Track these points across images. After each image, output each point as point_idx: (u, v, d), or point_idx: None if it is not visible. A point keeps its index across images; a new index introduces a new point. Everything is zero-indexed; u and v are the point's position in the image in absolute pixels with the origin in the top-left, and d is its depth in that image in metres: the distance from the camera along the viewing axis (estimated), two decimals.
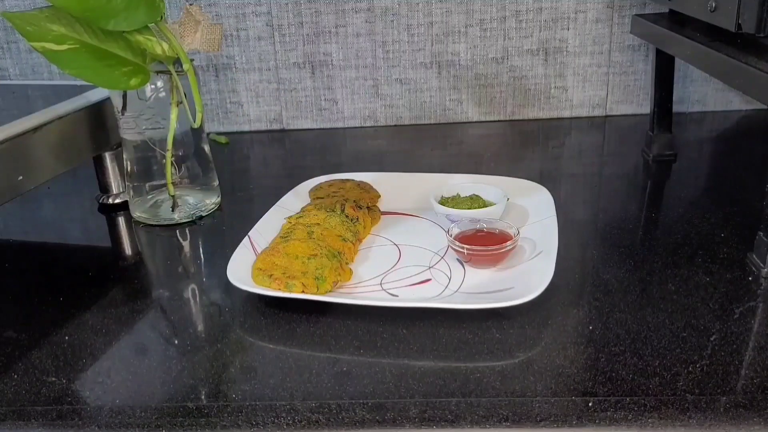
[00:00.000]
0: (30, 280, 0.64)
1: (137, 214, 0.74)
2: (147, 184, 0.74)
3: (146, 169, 0.73)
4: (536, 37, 0.98)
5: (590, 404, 0.43)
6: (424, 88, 1.01)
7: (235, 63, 1.01)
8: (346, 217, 0.65)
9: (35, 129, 0.65)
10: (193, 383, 0.48)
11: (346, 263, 0.60)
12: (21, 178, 0.64)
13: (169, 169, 0.71)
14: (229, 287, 0.57)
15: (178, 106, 0.69)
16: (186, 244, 0.70)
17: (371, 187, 0.74)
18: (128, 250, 0.71)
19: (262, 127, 1.05)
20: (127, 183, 0.74)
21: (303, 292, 0.55)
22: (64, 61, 0.62)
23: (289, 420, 0.44)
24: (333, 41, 0.99)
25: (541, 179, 0.73)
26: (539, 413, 0.43)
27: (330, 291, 0.56)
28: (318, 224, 0.63)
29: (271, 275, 0.56)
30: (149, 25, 0.65)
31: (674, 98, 0.84)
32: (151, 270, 0.66)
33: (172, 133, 0.69)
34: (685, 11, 0.71)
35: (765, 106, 0.91)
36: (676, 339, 0.49)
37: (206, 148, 0.75)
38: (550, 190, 0.70)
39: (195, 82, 0.68)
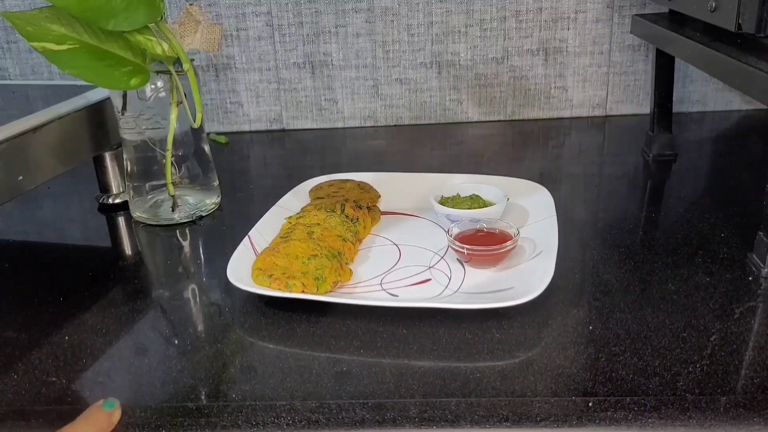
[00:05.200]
0: (30, 280, 0.64)
1: (137, 214, 0.74)
2: (147, 184, 0.74)
3: (146, 169, 0.73)
4: (536, 37, 0.98)
5: (590, 404, 0.43)
6: (424, 88, 1.01)
7: (235, 63, 1.01)
8: (346, 217, 0.65)
9: (35, 129, 0.65)
10: (193, 383, 0.48)
11: (346, 263, 0.60)
12: (21, 178, 0.64)
13: (169, 169, 0.71)
14: (229, 287, 0.57)
15: (178, 106, 0.69)
16: (186, 244, 0.70)
17: (371, 187, 0.74)
18: (128, 250, 0.71)
19: (262, 127, 1.05)
20: (127, 183, 0.74)
21: (303, 292, 0.55)
22: (64, 61, 0.62)
23: (289, 420, 0.44)
24: (333, 41, 0.99)
25: (541, 179, 0.73)
26: (539, 413, 0.43)
27: (330, 291, 0.56)
28: (318, 224, 0.63)
29: (271, 275, 0.56)
30: (149, 25, 0.65)
31: (674, 98, 0.84)
32: (151, 270, 0.66)
33: (172, 133, 0.69)
34: (685, 11, 0.71)
35: (765, 106, 0.91)
36: (676, 339, 0.49)
37: (206, 148, 0.75)
38: (550, 190, 0.70)
39: (195, 82, 0.68)
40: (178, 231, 0.72)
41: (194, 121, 0.70)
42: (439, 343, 0.50)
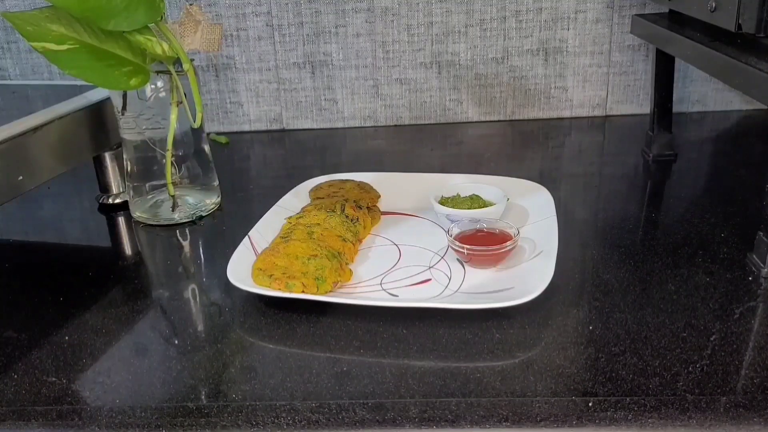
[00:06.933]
0: (30, 280, 0.64)
1: (137, 214, 0.74)
2: (147, 184, 0.74)
3: (146, 169, 0.73)
4: (536, 37, 0.98)
5: (590, 404, 0.43)
6: (424, 88, 1.01)
7: (235, 63, 1.01)
8: (346, 217, 0.65)
9: (35, 129, 0.65)
10: (193, 383, 0.48)
11: (346, 263, 0.60)
12: (21, 178, 0.64)
13: (169, 169, 0.71)
14: (229, 287, 0.57)
15: (178, 106, 0.69)
16: (186, 244, 0.70)
17: (371, 187, 0.74)
18: (128, 250, 0.71)
19: (262, 127, 1.05)
20: (127, 183, 0.74)
21: (303, 292, 0.55)
22: (64, 61, 0.62)
23: (289, 420, 0.44)
24: (333, 41, 0.99)
25: (541, 179, 0.73)
26: (539, 413, 0.43)
27: (330, 291, 0.56)
28: (318, 224, 0.63)
29: (271, 275, 0.56)
30: (149, 25, 0.65)
31: (674, 98, 0.84)
32: (151, 270, 0.66)
33: (172, 133, 0.69)
34: (685, 11, 0.71)
35: (765, 106, 0.91)
36: (676, 339, 0.49)
37: (206, 148, 0.75)
38: (550, 190, 0.70)
39: (195, 82, 0.68)
40: (178, 231, 0.72)
41: (194, 121, 0.70)
42: (439, 343, 0.50)
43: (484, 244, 0.59)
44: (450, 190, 0.70)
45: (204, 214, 0.74)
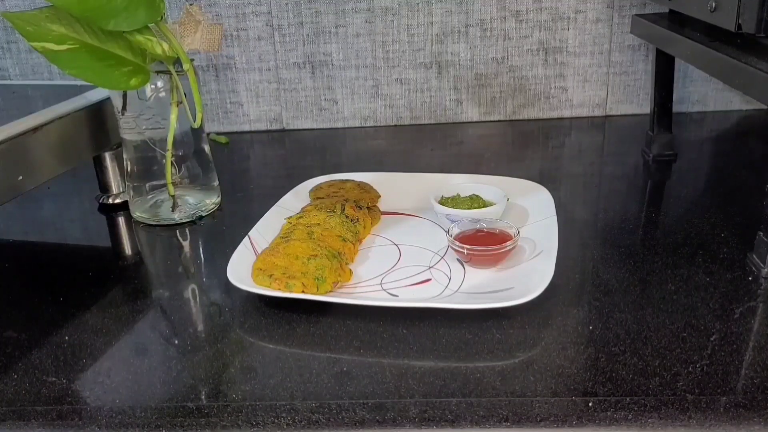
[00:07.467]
0: (30, 280, 0.64)
1: (137, 214, 0.74)
2: (147, 184, 0.74)
3: (146, 169, 0.73)
4: (536, 37, 0.98)
5: (590, 404, 0.43)
6: (424, 88, 1.01)
7: (235, 63, 1.01)
8: (346, 217, 0.65)
9: (35, 129, 0.65)
10: (193, 383, 0.48)
11: (346, 263, 0.60)
12: (21, 178, 0.64)
13: (169, 169, 0.71)
14: (229, 287, 0.57)
15: (178, 106, 0.69)
16: (186, 244, 0.70)
17: (371, 187, 0.74)
18: (128, 250, 0.71)
19: (262, 127, 1.05)
20: (127, 183, 0.74)
21: (303, 292, 0.55)
22: (64, 61, 0.62)
23: (289, 420, 0.44)
24: (333, 41, 0.99)
25: (541, 179, 0.73)
26: (539, 413, 0.43)
27: (330, 291, 0.56)
28: (318, 224, 0.63)
29: (271, 275, 0.56)
30: (149, 25, 0.65)
31: (674, 98, 0.84)
32: (151, 270, 0.66)
33: (172, 133, 0.69)
34: (685, 11, 0.71)
35: (765, 106, 0.91)
36: (676, 339, 0.49)
37: (206, 148, 0.75)
38: (550, 190, 0.70)
39: (195, 82, 0.68)
40: (178, 231, 0.72)
41: (194, 121, 0.70)
42: (439, 343, 0.50)
43: (484, 244, 0.59)
44: (450, 190, 0.70)
45: (204, 214, 0.74)
